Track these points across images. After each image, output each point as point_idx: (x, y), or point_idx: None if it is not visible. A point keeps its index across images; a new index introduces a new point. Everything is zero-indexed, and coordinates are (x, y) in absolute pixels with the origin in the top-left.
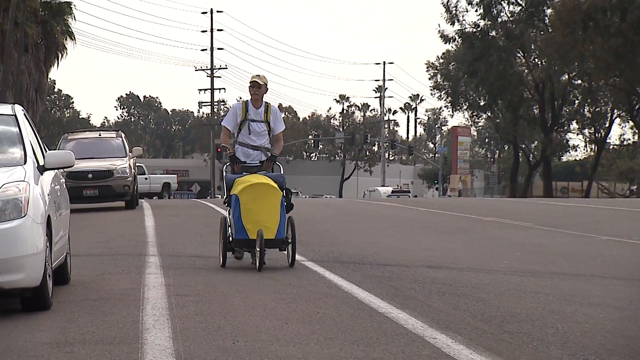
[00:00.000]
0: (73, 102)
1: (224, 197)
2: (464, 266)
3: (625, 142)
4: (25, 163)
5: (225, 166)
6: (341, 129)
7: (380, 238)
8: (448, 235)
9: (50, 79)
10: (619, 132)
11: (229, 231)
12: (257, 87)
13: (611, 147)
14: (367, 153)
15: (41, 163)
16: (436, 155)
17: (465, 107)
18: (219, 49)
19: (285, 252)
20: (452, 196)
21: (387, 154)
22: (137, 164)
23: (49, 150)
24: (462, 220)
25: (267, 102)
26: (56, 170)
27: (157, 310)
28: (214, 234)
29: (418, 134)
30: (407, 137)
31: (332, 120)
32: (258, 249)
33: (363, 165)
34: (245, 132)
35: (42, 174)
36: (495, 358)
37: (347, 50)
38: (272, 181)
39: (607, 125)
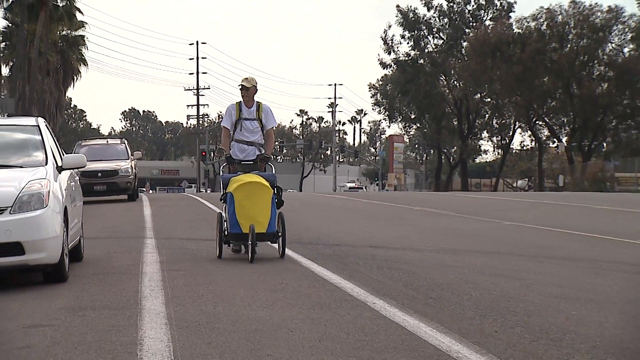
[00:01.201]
0: (86, 116)
1: (221, 194)
2: (398, 246)
3: (524, 148)
4: (46, 164)
5: (222, 166)
6: (301, 137)
7: (332, 224)
8: (385, 222)
9: (67, 97)
10: (519, 139)
11: (225, 225)
12: (246, 89)
13: (514, 151)
14: (322, 156)
15: (59, 164)
16: (376, 157)
17: (399, 119)
18: (203, 73)
19: (276, 245)
20: (389, 190)
21: (337, 157)
22: (136, 165)
23: (66, 154)
24: (397, 210)
25: (258, 102)
26: (72, 170)
27: (153, 282)
28: (200, 220)
29: (362, 141)
30: (354, 144)
31: (293, 130)
32: (250, 242)
33: (318, 166)
34: (239, 129)
35: (60, 173)
36: (422, 318)
37: (307, 73)
38: (264, 180)
39: (510, 134)
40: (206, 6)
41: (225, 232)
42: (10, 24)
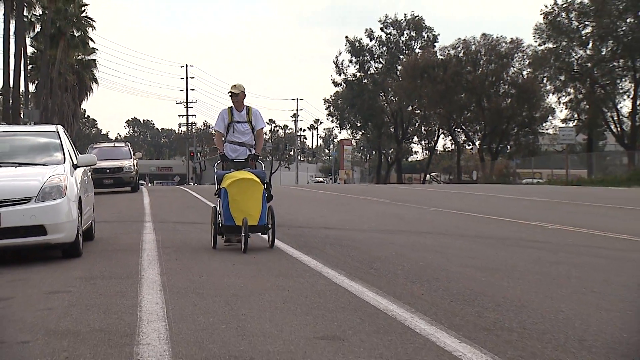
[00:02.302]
0: (97, 124)
1: (215, 189)
2: (347, 227)
3: (446, 149)
4: (64, 162)
5: (216, 164)
6: (270, 141)
7: (295, 210)
8: (337, 208)
9: (82, 108)
10: (442, 142)
11: (219, 218)
12: (235, 95)
13: (438, 152)
14: (287, 156)
15: (75, 162)
16: (330, 157)
17: (348, 127)
18: (191, 89)
19: (266, 236)
20: (340, 183)
21: (299, 157)
22: (137, 163)
23: (81, 154)
24: (346, 199)
25: (248, 106)
26: (85, 167)
27: (151, 257)
28: (189, 208)
29: (319, 144)
30: (312, 146)
31: (264, 135)
32: (243, 234)
33: (284, 164)
34: (232, 132)
35: (75, 170)
36: (365, 285)
37: (274, 90)
38: (255, 176)
39: (435, 138)
40: (194, 36)
41: (220, 224)
42: (35, 50)
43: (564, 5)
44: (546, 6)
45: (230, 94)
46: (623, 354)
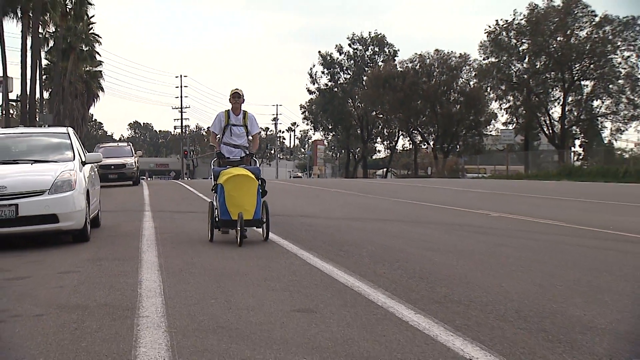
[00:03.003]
0: (103, 126)
1: (212, 185)
2: (320, 216)
3: (405, 148)
4: (74, 160)
5: (212, 161)
6: None
7: (275, 201)
8: (312, 199)
9: (89, 113)
10: (402, 142)
11: (215, 213)
12: (238, 97)
13: (398, 151)
14: (268, 154)
15: (83, 160)
16: (305, 155)
17: (321, 129)
18: (185, 97)
19: (261, 230)
20: (314, 177)
21: (278, 155)
22: (138, 161)
23: (88, 153)
24: (319, 191)
25: (244, 110)
26: (92, 164)
27: (149, 241)
28: (183, 199)
29: (296, 144)
30: (290, 146)
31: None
32: (239, 228)
33: (265, 161)
34: (228, 134)
35: (83, 166)
36: (335, 265)
37: (258, 97)
38: (250, 173)
39: (395, 139)
40: (188, 51)
41: (217, 218)
42: (49, 62)
43: (505, 26)
44: (489, 26)
45: (233, 94)
46: (553, 322)
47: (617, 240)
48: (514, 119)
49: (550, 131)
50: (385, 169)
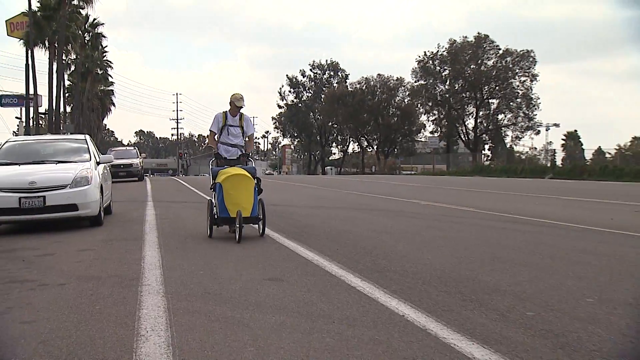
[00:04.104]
0: (114, 133)
1: (211, 184)
2: (287, 204)
3: (354, 151)
4: (90, 160)
5: (210, 161)
6: None
7: None
8: (280, 191)
9: (104, 123)
10: (352, 147)
11: (214, 210)
12: (241, 99)
13: (349, 153)
14: None
15: (98, 161)
16: (276, 157)
17: (288, 136)
18: (180, 110)
19: (257, 226)
20: (283, 174)
21: (255, 157)
22: (142, 161)
23: (102, 155)
24: (285, 185)
25: (241, 112)
26: (105, 164)
27: (151, 225)
28: (178, 192)
29: (268, 148)
30: (264, 149)
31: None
32: (238, 226)
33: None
34: (225, 134)
35: (98, 166)
36: (299, 243)
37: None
38: (247, 172)
39: (347, 144)
40: (182, 74)
41: (215, 216)
42: (71, 83)
43: (431, 56)
44: (419, 56)
45: (236, 99)
46: (467, 285)
47: (516, 222)
48: (438, 129)
49: (466, 138)
50: (330, 167)
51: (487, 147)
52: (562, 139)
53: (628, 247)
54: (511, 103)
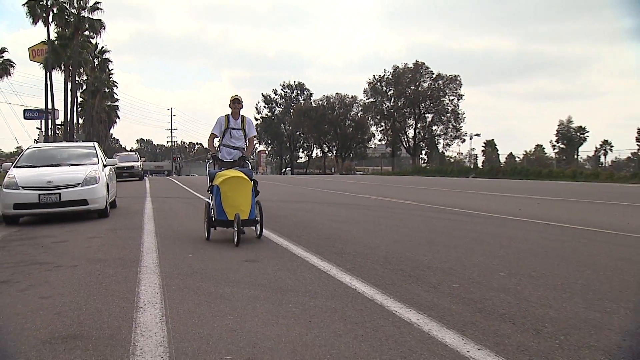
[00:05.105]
0: (119, 141)
1: (208, 186)
2: (263, 200)
3: (317, 156)
4: (98, 163)
5: (208, 163)
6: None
7: None
8: (263, 189)
9: (110, 133)
10: (315, 152)
11: (212, 213)
12: (238, 102)
13: (313, 157)
14: None
15: (104, 163)
16: (253, 160)
17: (263, 143)
18: (174, 122)
19: (253, 228)
20: (259, 174)
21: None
22: (142, 164)
23: (108, 159)
24: (261, 184)
25: (242, 115)
26: (111, 166)
27: (149, 217)
28: (172, 189)
29: None
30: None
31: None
32: (236, 229)
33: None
34: (227, 137)
35: (104, 168)
36: (272, 231)
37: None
38: (244, 174)
39: (312, 150)
40: (175, 92)
41: (213, 218)
42: (83, 99)
43: (379, 78)
44: (369, 78)
45: (235, 100)
46: (407, 264)
47: (446, 212)
48: (385, 137)
49: (407, 145)
50: (287, 168)
51: (423, 152)
52: (482, 146)
53: (532, 232)
54: (442, 117)
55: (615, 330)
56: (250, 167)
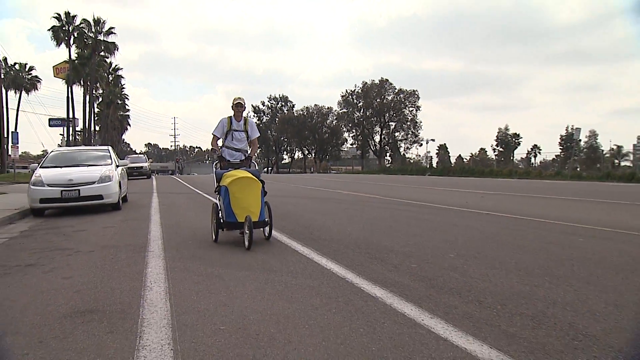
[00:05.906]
0: (130, 145)
1: (215, 187)
2: None
3: (299, 157)
4: (111, 164)
5: (214, 164)
6: (207, 156)
7: None
8: None
9: (122, 138)
10: (297, 154)
11: (220, 214)
12: (241, 106)
13: (295, 159)
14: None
15: (117, 164)
16: None
17: None
18: (177, 129)
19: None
20: None
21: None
22: (150, 164)
23: (120, 160)
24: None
25: (245, 117)
26: (123, 167)
27: (155, 209)
28: (175, 185)
29: None
30: None
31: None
32: (247, 232)
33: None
34: (230, 138)
35: (117, 168)
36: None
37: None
38: (252, 175)
39: (294, 152)
40: (178, 103)
41: (222, 220)
42: (99, 110)
43: (350, 92)
44: (342, 92)
45: (237, 104)
46: (373, 248)
47: (407, 204)
48: (356, 142)
49: (374, 148)
50: (270, 168)
51: (388, 154)
52: (437, 150)
53: (476, 220)
54: (404, 125)
55: (541, 300)
56: (256, 167)
